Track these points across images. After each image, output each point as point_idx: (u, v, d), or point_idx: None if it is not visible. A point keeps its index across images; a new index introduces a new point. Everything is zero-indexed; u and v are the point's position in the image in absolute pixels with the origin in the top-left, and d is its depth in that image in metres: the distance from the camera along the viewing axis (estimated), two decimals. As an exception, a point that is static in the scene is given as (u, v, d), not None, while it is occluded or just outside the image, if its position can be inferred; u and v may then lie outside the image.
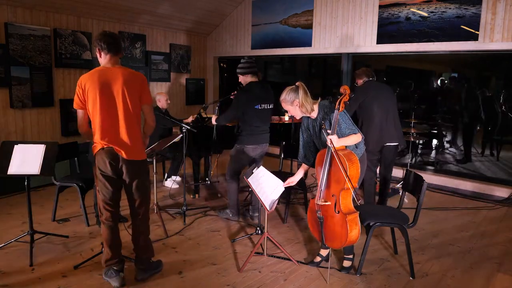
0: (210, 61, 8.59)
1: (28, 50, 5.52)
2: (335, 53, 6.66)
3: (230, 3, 7.63)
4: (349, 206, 2.95)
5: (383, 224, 3.24)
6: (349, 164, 2.83)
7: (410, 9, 5.78)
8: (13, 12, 5.39)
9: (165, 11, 6.88)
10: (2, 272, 3.21)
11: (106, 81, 2.78)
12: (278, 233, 4.09)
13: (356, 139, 3.01)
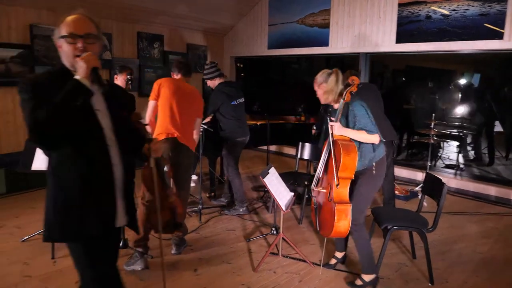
0: (226, 61, 8.64)
1: (51, 51, 5.66)
2: (353, 52, 6.60)
3: (247, 3, 7.66)
4: (341, 196, 2.87)
5: (401, 227, 3.18)
6: (344, 154, 2.79)
7: (431, 7, 5.69)
8: (37, 14, 5.54)
9: (183, 11, 6.95)
10: (26, 263, 3.32)
11: (179, 88, 3.57)
12: (293, 234, 4.10)
13: (362, 136, 2.85)
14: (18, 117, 5.50)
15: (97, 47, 1.78)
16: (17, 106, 5.31)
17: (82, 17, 1.77)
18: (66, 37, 1.71)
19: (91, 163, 1.73)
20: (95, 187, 1.75)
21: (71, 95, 1.60)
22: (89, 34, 1.73)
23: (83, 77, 1.64)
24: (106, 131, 1.78)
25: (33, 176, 5.09)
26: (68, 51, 1.73)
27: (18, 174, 4.74)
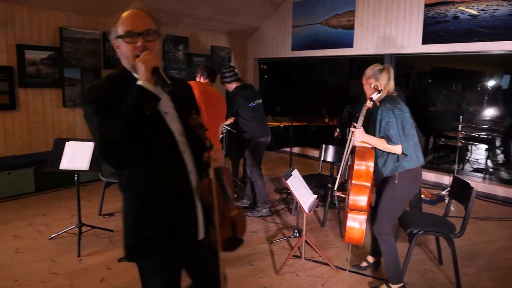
0: (250, 62, 8.66)
1: (79, 53, 5.82)
2: (378, 54, 6.51)
3: (271, 5, 7.66)
4: (357, 204, 2.81)
5: (427, 232, 3.11)
6: (358, 160, 2.75)
7: (459, 8, 5.55)
8: (67, 17, 5.71)
9: (207, 13, 7.01)
10: (53, 261, 3.41)
11: (206, 91, 3.72)
12: (316, 236, 4.06)
13: (382, 145, 2.75)
14: (47, 118, 5.68)
15: (158, 44, 1.60)
16: (47, 106, 5.50)
17: (139, 12, 1.58)
18: (124, 36, 1.54)
19: (164, 173, 1.58)
20: (171, 200, 1.60)
21: (137, 104, 1.44)
22: (149, 30, 1.55)
23: (145, 80, 1.46)
24: (177, 135, 1.62)
25: (61, 176, 5.24)
26: (127, 52, 1.56)
27: (47, 173, 4.87)
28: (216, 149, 1.66)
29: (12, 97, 5.27)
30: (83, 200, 4.80)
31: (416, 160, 2.87)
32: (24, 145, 5.50)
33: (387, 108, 2.77)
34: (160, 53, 1.58)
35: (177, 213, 1.62)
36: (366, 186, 2.79)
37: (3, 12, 5.12)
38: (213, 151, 1.64)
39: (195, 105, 1.82)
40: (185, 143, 1.64)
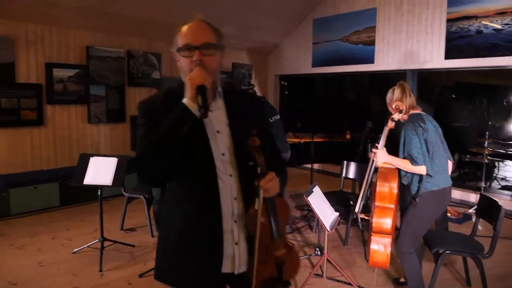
0: (271, 79, 8.72)
1: (104, 70, 5.98)
2: (399, 69, 6.46)
3: (291, 22, 7.73)
4: (381, 226, 2.75)
5: (454, 252, 3.01)
6: (381, 182, 2.70)
7: (482, 22, 5.47)
8: (93, 36, 5.90)
9: (228, 30, 7.12)
10: (75, 275, 3.45)
11: None
12: (338, 255, 3.99)
13: (406, 166, 2.71)
14: (72, 133, 5.83)
15: (216, 59, 1.51)
16: (72, 122, 5.65)
17: (200, 24, 1.51)
18: (181, 49, 1.48)
19: (201, 198, 1.49)
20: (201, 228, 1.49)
21: (175, 122, 1.38)
22: (207, 44, 1.46)
23: (189, 99, 1.39)
24: (226, 156, 1.50)
25: (85, 190, 5.33)
26: (184, 66, 1.48)
27: (71, 188, 4.97)
28: (269, 177, 1.45)
29: (40, 113, 5.45)
30: (106, 215, 4.86)
31: (442, 181, 2.80)
32: (50, 160, 5.64)
33: (410, 127, 2.74)
34: (219, 68, 1.54)
35: (204, 243, 1.50)
36: (390, 208, 2.73)
37: (33, 32, 5.33)
38: (265, 180, 1.44)
39: (260, 124, 1.62)
40: (235, 165, 1.51)
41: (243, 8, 6.39)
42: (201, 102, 1.36)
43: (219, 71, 1.54)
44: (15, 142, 5.30)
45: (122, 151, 6.29)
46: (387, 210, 2.75)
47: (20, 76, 5.25)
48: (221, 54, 1.54)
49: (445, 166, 2.84)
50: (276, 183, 1.48)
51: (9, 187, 4.90)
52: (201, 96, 1.37)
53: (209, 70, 1.45)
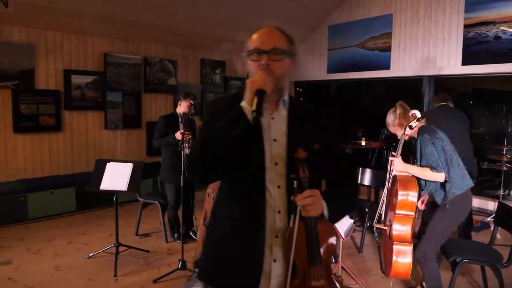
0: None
1: (121, 77, 6.08)
2: (416, 75, 6.39)
3: (307, 29, 7.74)
4: (402, 235, 2.74)
5: (471, 261, 2.95)
6: (402, 190, 2.68)
7: (500, 28, 5.39)
8: (111, 44, 6.01)
9: (244, 37, 7.14)
10: (90, 279, 3.48)
11: None
12: (353, 263, 3.94)
13: (425, 174, 2.73)
14: (89, 139, 5.92)
15: (284, 64, 1.47)
16: (89, 128, 5.74)
17: (270, 29, 1.50)
18: (250, 53, 1.48)
19: (245, 207, 1.44)
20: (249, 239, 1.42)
21: (229, 123, 1.35)
22: (276, 48, 1.44)
23: (246, 102, 1.37)
24: (279, 166, 1.43)
25: (101, 195, 5.39)
26: (252, 70, 1.47)
27: (88, 193, 5.02)
28: (307, 194, 1.33)
29: (58, 119, 5.55)
30: (121, 220, 4.91)
31: (464, 185, 2.83)
32: (67, 165, 5.74)
33: (426, 138, 2.79)
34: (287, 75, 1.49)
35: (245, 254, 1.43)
36: (411, 216, 2.73)
37: (53, 39, 5.46)
38: (301, 195, 1.33)
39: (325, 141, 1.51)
40: (285, 176, 1.43)
41: (258, 15, 6.42)
42: (255, 106, 1.31)
43: (286, 78, 1.49)
44: (33, 147, 5.42)
45: (138, 157, 6.36)
46: (407, 218, 2.75)
47: (39, 83, 5.37)
48: (291, 62, 1.51)
49: (463, 169, 2.87)
50: (316, 203, 1.36)
51: (27, 192, 4.99)
52: (257, 100, 1.32)
53: (275, 75, 1.41)
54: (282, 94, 1.51)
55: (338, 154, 1.64)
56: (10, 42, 5.07)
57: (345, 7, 7.31)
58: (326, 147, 1.51)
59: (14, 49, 5.08)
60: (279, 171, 1.43)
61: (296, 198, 1.34)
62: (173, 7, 5.69)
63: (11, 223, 4.85)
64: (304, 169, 1.37)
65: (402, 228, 2.75)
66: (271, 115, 1.48)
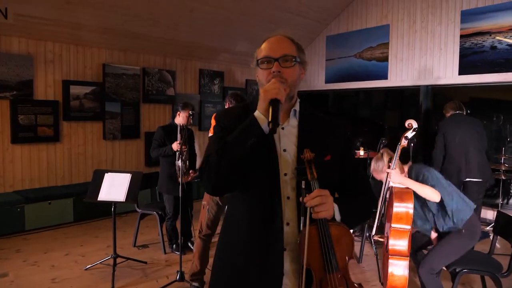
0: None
1: (120, 88, 6.10)
2: (413, 85, 6.43)
3: (304, 39, 7.79)
4: (398, 249, 2.69)
5: (471, 271, 2.94)
6: (398, 202, 2.65)
7: (496, 38, 5.43)
8: (110, 54, 6.03)
9: (243, 48, 7.21)
10: (88, 292, 3.45)
11: None
12: (352, 273, 3.89)
13: (424, 190, 2.73)
14: (88, 149, 5.91)
15: (295, 71, 1.44)
16: (88, 138, 5.73)
17: (280, 37, 1.47)
18: (260, 62, 1.45)
19: (250, 216, 1.42)
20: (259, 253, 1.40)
21: (242, 133, 1.33)
22: (286, 55, 1.42)
23: (260, 111, 1.33)
24: (288, 177, 1.41)
25: (99, 206, 5.36)
26: (262, 78, 1.45)
27: (85, 204, 5.01)
28: (315, 194, 1.30)
29: (56, 130, 5.55)
30: (119, 231, 4.89)
31: (468, 208, 2.87)
32: (65, 176, 5.72)
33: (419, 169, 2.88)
34: (299, 82, 1.46)
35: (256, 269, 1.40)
36: (406, 230, 2.68)
37: (52, 50, 5.48)
38: (309, 196, 1.29)
39: (337, 151, 1.48)
40: (294, 187, 1.40)
41: (256, 26, 6.47)
42: (270, 117, 1.28)
43: (297, 86, 1.48)
44: (31, 158, 5.40)
45: (136, 167, 6.35)
46: (403, 232, 2.70)
47: (38, 93, 5.38)
48: (301, 70, 1.48)
49: (461, 194, 2.91)
50: (326, 203, 1.31)
51: (25, 203, 4.97)
52: (272, 110, 1.29)
53: (287, 82, 1.40)
54: (293, 103, 1.50)
55: (355, 168, 1.57)
56: (10, 53, 5.09)
57: (342, 18, 7.38)
58: (340, 159, 1.48)
59: (13, 60, 5.10)
60: (288, 181, 1.41)
61: (304, 199, 1.30)
62: (172, 18, 5.73)
63: (8, 235, 4.81)
64: (312, 170, 1.34)
65: (398, 242, 2.71)
66: (281, 125, 1.46)
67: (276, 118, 1.28)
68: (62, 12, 4.93)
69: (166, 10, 5.53)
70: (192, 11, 5.71)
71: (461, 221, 2.81)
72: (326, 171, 1.40)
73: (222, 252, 1.53)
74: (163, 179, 4.38)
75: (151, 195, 5.85)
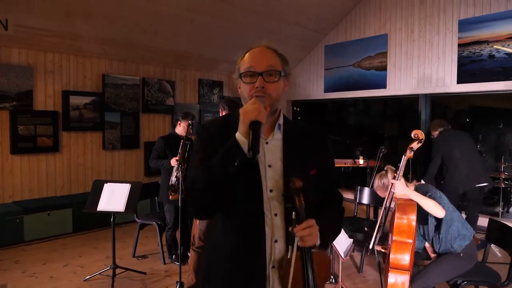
0: (283, 104, 8.77)
1: (120, 98, 6.12)
2: (412, 94, 6.45)
3: (303, 49, 7.84)
4: (399, 262, 2.63)
5: (473, 282, 2.92)
6: (400, 214, 2.62)
7: (494, 46, 5.47)
8: (109, 65, 6.06)
9: (242, 58, 7.24)
10: (87, 304, 3.42)
11: None
12: (353, 283, 3.89)
13: (429, 204, 2.69)
14: (87, 160, 5.91)
15: (279, 86, 1.40)
16: (87, 149, 5.73)
17: (264, 49, 1.42)
18: (243, 75, 1.40)
19: (241, 237, 1.38)
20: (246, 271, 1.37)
21: (225, 157, 1.29)
22: (270, 70, 1.36)
23: (241, 134, 1.28)
24: (274, 193, 1.37)
25: (98, 217, 5.34)
26: (245, 92, 1.39)
27: (84, 214, 4.99)
28: (305, 225, 1.30)
29: (56, 140, 5.55)
30: (118, 242, 4.86)
31: (468, 234, 2.85)
32: (64, 186, 5.71)
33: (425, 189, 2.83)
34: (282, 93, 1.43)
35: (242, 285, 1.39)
36: (409, 243, 2.63)
37: (51, 61, 5.51)
38: (300, 227, 1.29)
39: (321, 163, 1.47)
40: (282, 203, 1.37)
41: (255, 36, 6.52)
42: (251, 142, 1.24)
43: (280, 99, 1.44)
44: (30, 168, 5.40)
45: (135, 177, 6.34)
46: (405, 245, 2.65)
47: (37, 104, 5.39)
48: (285, 82, 1.44)
49: (462, 219, 2.90)
50: (313, 233, 1.31)
51: (24, 213, 4.95)
52: (252, 134, 1.25)
53: (271, 97, 1.36)
54: (277, 116, 1.46)
55: (332, 176, 1.57)
56: (10, 64, 5.11)
57: (341, 28, 7.43)
58: (323, 171, 1.46)
59: (13, 71, 5.12)
60: (275, 198, 1.37)
61: (294, 230, 1.30)
62: (172, 29, 5.77)
63: (7, 246, 4.78)
64: (300, 199, 1.33)
65: (399, 256, 2.66)
66: (265, 139, 1.42)
67: (256, 145, 1.24)
68: (62, 23, 4.97)
69: (166, 21, 5.57)
70: (191, 22, 5.75)
71: (460, 246, 2.80)
72: (312, 185, 1.39)
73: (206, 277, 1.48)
74: (164, 189, 4.37)
75: (151, 205, 5.83)
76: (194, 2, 5.41)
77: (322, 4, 6.58)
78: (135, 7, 5.12)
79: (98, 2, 4.84)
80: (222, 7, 5.68)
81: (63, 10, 4.77)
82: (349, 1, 6.91)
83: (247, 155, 1.27)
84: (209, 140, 1.41)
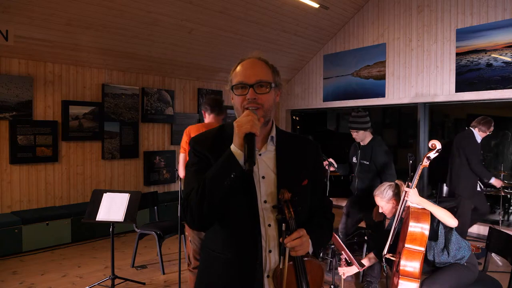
0: (282, 114, 8.79)
1: (119, 107, 6.13)
2: (411, 103, 6.47)
3: (302, 58, 7.89)
4: (408, 270, 2.62)
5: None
6: (413, 222, 2.61)
7: (491, 55, 5.51)
8: (109, 75, 6.09)
9: (241, 68, 7.28)
10: (85, 315, 3.38)
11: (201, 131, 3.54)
12: (353, 292, 3.86)
13: (442, 213, 2.68)
14: (86, 169, 5.90)
15: (271, 97, 1.42)
16: (86, 158, 5.73)
17: (254, 61, 1.43)
18: (235, 87, 1.42)
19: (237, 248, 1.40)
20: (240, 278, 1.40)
21: (220, 170, 1.31)
22: (262, 81, 1.38)
23: (236, 146, 1.31)
24: (268, 204, 1.40)
25: (96, 226, 5.32)
26: (237, 104, 1.42)
27: (83, 224, 4.97)
28: (295, 235, 1.34)
29: (55, 150, 5.54)
30: (117, 252, 4.84)
31: (467, 246, 2.87)
32: (63, 196, 5.69)
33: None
34: (274, 104, 1.46)
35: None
36: (420, 251, 2.62)
37: (51, 71, 5.53)
38: (290, 237, 1.33)
39: (312, 173, 1.51)
40: (273, 216, 1.40)
41: (254, 45, 6.56)
42: (247, 154, 1.26)
43: (273, 109, 1.45)
44: (29, 178, 5.38)
45: (134, 187, 6.33)
46: (416, 253, 2.63)
47: (37, 114, 5.40)
48: (277, 92, 1.47)
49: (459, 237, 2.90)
50: (304, 243, 1.35)
51: (22, 224, 4.92)
52: (248, 146, 1.27)
53: (263, 108, 1.39)
54: (269, 128, 1.48)
55: (322, 184, 1.62)
56: (10, 75, 5.13)
57: (339, 37, 7.49)
58: (314, 181, 1.52)
59: (13, 81, 5.14)
60: (269, 209, 1.40)
61: (285, 240, 1.33)
62: (171, 39, 5.81)
63: (5, 256, 4.75)
64: (290, 210, 1.36)
65: (410, 263, 2.65)
66: (258, 151, 1.44)
67: (252, 156, 1.25)
68: (62, 34, 5.00)
69: (165, 31, 5.61)
70: (190, 32, 5.79)
71: (463, 258, 2.80)
72: (304, 196, 1.45)
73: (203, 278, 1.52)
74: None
75: (150, 215, 5.81)
76: (193, 13, 5.45)
77: (320, 14, 6.64)
78: (135, 18, 5.16)
79: (98, 13, 4.88)
80: (220, 17, 5.73)
81: (63, 21, 4.81)
82: (347, 11, 6.97)
83: (243, 167, 1.29)
84: (203, 152, 1.42)
